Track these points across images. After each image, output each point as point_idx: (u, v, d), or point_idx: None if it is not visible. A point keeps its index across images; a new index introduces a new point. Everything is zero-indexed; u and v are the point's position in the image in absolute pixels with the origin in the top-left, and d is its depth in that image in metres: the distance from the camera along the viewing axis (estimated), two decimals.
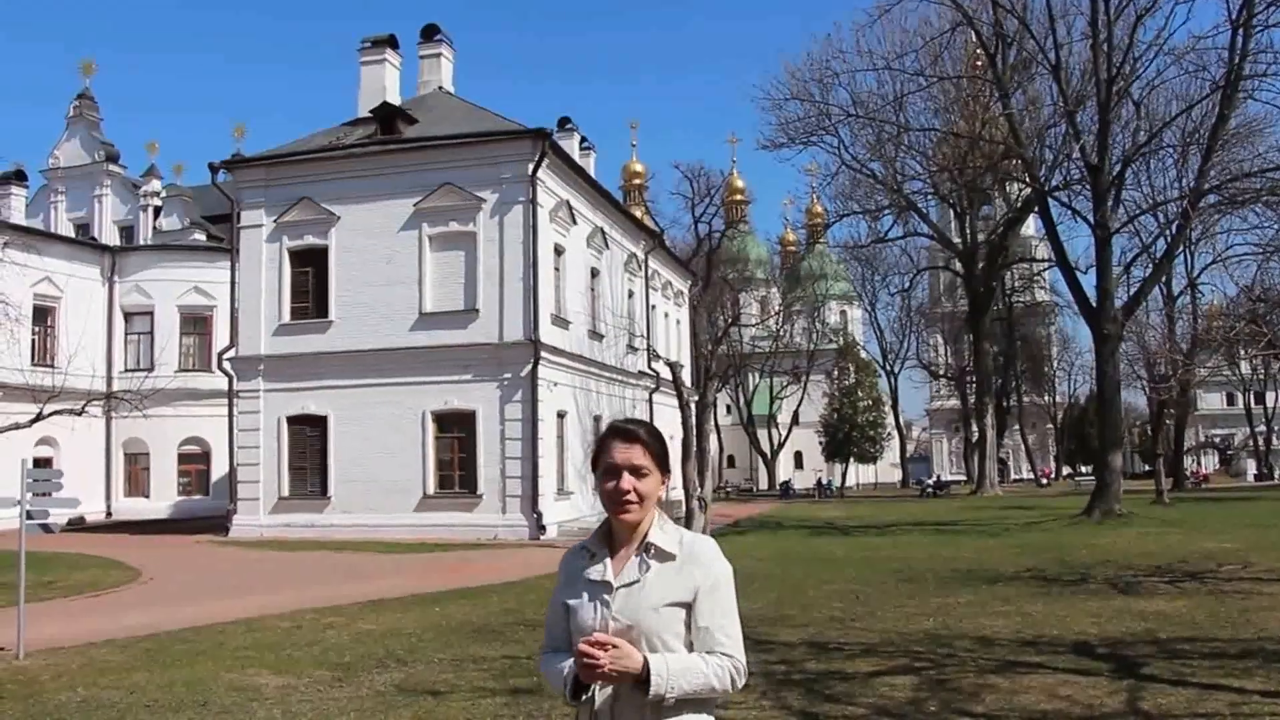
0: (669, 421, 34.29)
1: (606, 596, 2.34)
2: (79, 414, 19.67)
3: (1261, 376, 61.68)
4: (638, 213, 44.23)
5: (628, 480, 2.34)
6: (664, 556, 2.36)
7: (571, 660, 2.30)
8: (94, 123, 37.70)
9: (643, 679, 2.23)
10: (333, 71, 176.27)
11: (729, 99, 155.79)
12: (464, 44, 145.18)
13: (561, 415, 25.75)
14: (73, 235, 35.53)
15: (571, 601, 2.39)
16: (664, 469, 2.41)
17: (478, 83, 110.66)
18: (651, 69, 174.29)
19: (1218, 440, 78.95)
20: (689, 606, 2.33)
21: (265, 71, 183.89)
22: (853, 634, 9.64)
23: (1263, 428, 65.40)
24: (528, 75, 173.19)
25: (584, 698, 2.32)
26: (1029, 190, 35.49)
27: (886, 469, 74.56)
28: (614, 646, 2.23)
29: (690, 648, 2.33)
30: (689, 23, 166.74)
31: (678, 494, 28.52)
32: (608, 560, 2.39)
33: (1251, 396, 64.14)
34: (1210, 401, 76.02)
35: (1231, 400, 73.41)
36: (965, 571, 14.84)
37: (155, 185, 37.18)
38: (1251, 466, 67.08)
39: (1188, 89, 28.94)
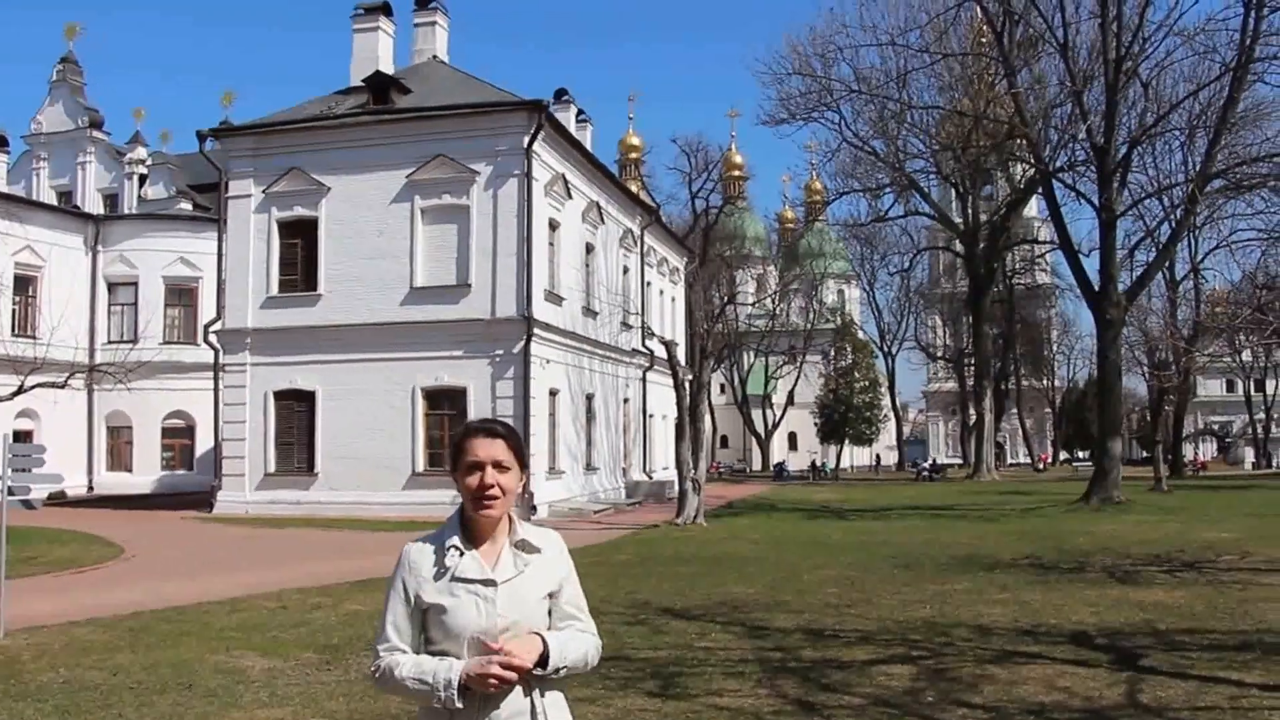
0: (663, 400, 34.04)
1: (490, 593, 2.35)
2: (61, 387, 19.42)
3: (1263, 364, 61.46)
4: (634, 187, 43.80)
5: (491, 474, 2.38)
6: (532, 549, 2.44)
7: (457, 661, 2.29)
8: (78, 87, 36.91)
9: (541, 658, 2.31)
10: (325, 36, 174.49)
11: (729, 71, 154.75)
12: (459, 12, 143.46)
13: (554, 393, 25.48)
14: (55, 203, 34.92)
15: (444, 601, 2.35)
16: (523, 465, 2.48)
17: (473, 52, 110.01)
18: (650, 39, 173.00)
19: (1216, 427, 78.84)
20: (553, 594, 2.44)
21: (256, 36, 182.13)
22: (849, 621, 9.48)
23: (1262, 415, 65.25)
24: (524, 45, 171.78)
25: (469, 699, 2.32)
26: (1033, 171, 35.06)
27: (882, 451, 74.50)
28: (508, 652, 2.26)
29: None
30: None
31: (670, 475, 28.25)
32: (477, 556, 2.38)
33: (1252, 384, 63.91)
34: (1210, 388, 75.72)
35: (1231, 387, 73.10)
36: (962, 558, 14.68)
37: (141, 152, 36.37)
38: (1250, 454, 67.01)
39: (1196, 71, 28.57)
